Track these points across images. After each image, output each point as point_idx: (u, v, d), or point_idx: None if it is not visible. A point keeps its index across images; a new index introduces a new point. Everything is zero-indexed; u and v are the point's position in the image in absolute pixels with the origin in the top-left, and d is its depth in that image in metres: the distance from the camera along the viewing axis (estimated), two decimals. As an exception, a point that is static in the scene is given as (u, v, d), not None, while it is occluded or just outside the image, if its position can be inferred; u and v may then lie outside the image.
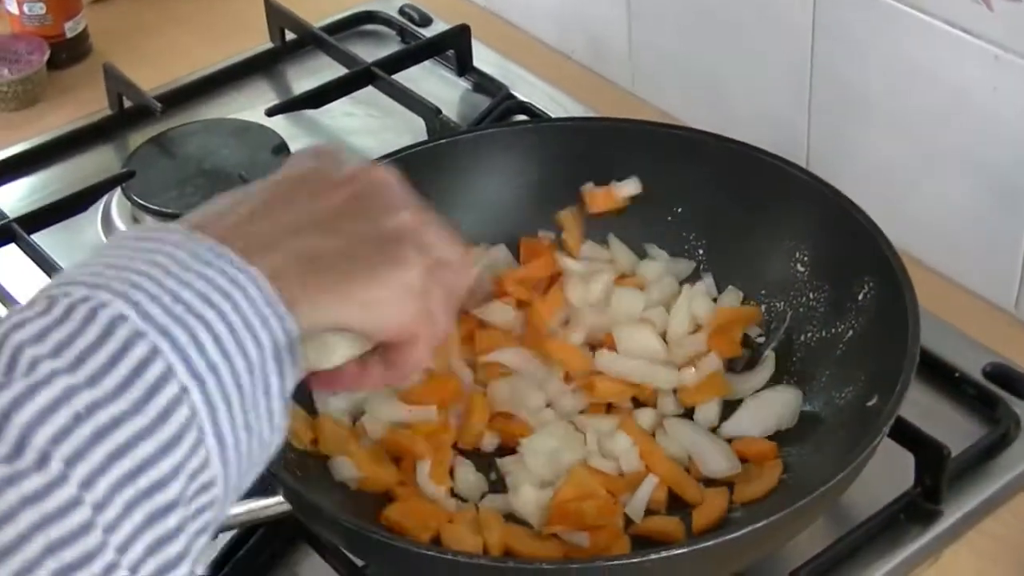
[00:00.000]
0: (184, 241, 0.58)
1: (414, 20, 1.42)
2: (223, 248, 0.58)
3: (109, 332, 0.53)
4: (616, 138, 1.06)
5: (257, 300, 0.57)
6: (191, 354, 0.55)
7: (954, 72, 1.03)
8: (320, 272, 0.61)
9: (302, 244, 0.61)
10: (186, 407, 0.54)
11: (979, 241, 1.08)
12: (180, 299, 0.55)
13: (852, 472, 0.81)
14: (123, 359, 0.53)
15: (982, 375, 1.02)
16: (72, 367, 0.52)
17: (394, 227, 0.65)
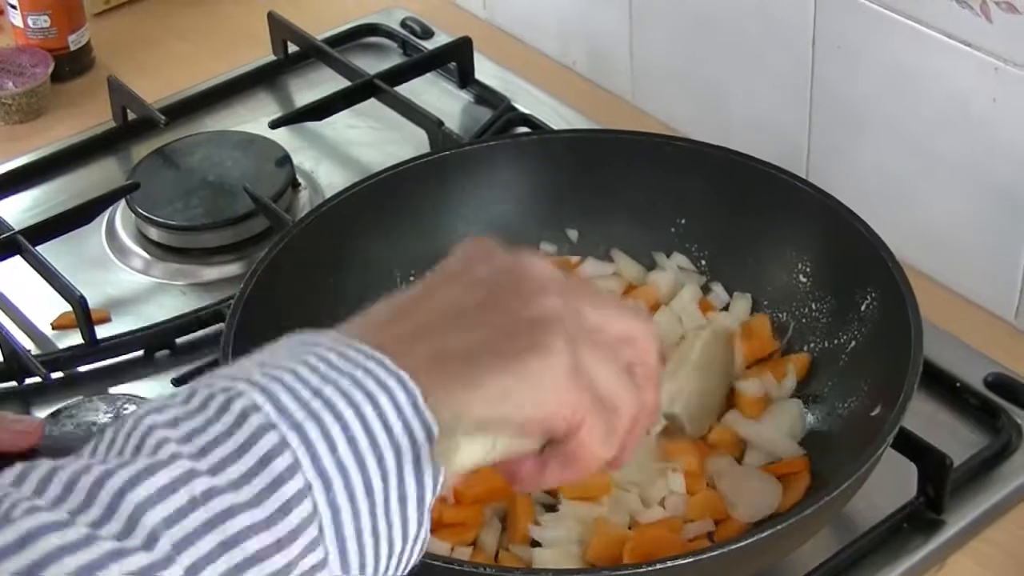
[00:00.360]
0: (335, 344, 0.57)
1: (416, 33, 1.43)
2: (376, 351, 0.56)
3: (241, 422, 0.53)
4: (619, 150, 1.06)
5: (404, 405, 0.55)
6: (320, 451, 0.53)
7: (954, 83, 1.03)
8: (456, 368, 0.58)
9: (439, 342, 0.59)
10: (308, 504, 0.52)
11: (979, 252, 1.08)
12: (320, 394, 0.54)
13: (856, 482, 0.81)
14: (250, 450, 0.52)
15: (983, 385, 1.03)
16: (198, 454, 0.52)
17: (535, 315, 0.60)
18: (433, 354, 0.58)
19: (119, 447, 0.53)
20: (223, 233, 1.19)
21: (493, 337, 0.59)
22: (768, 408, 0.97)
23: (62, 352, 1.08)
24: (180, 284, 1.17)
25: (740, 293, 1.04)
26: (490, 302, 0.61)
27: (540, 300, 0.61)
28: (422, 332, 0.59)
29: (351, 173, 1.26)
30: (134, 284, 1.17)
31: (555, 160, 1.07)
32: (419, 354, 0.58)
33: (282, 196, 1.21)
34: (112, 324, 1.12)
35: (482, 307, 0.61)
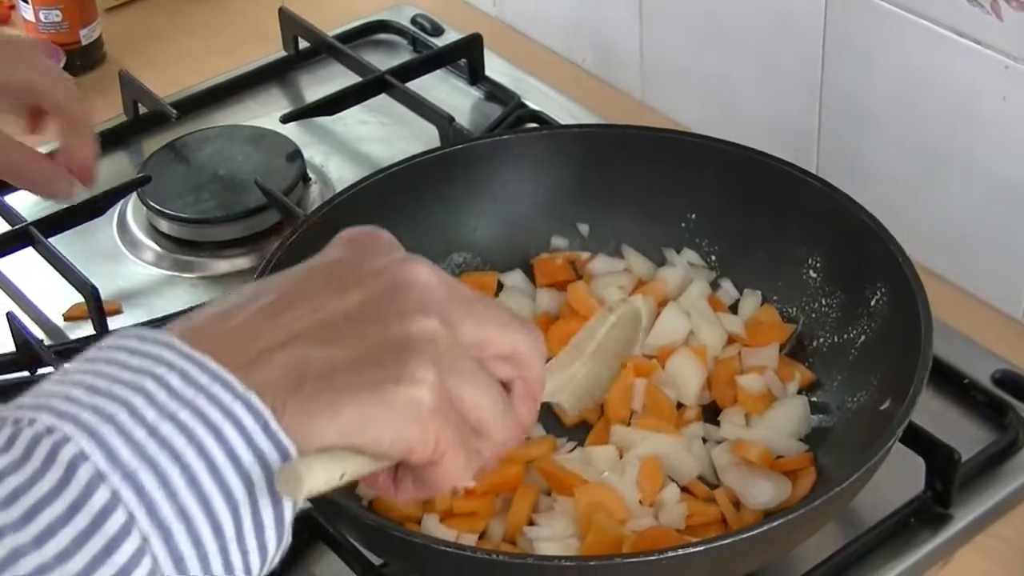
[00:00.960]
0: (178, 361, 0.52)
1: (426, 30, 1.43)
2: (223, 371, 0.52)
3: (69, 476, 0.48)
4: (630, 145, 1.07)
5: (252, 431, 0.52)
6: (157, 501, 0.49)
7: (964, 81, 1.04)
8: (311, 387, 0.54)
9: (299, 354, 0.55)
10: (147, 561, 0.49)
11: (988, 249, 1.09)
12: (156, 434, 0.50)
13: (865, 474, 0.82)
14: (80, 510, 0.48)
15: (991, 382, 1.03)
16: (22, 520, 0.48)
17: (407, 335, 0.56)
18: (292, 369, 0.54)
19: None
20: (234, 226, 1.19)
21: (358, 359, 0.55)
22: (772, 405, 0.98)
23: (74, 343, 1.09)
24: (191, 277, 1.17)
25: (750, 290, 1.05)
26: (363, 315, 0.57)
27: (415, 320, 0.57)
28: (286, 343, 0.55)
29: (361, 168, 1.27)
30: (145, 277, 1.18)
31: (566, 155, 1.08)
32: (276, 367, 0.54)
33: (293, 190, 1.21)
34: (123, 316, 1.13)
35: (353, 320, 0.57)
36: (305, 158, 1.25)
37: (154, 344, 0.53)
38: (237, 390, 0.52)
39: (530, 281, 1.07)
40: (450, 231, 1.06)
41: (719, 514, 0.90)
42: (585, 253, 1.08)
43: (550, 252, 1.08)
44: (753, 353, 1.00)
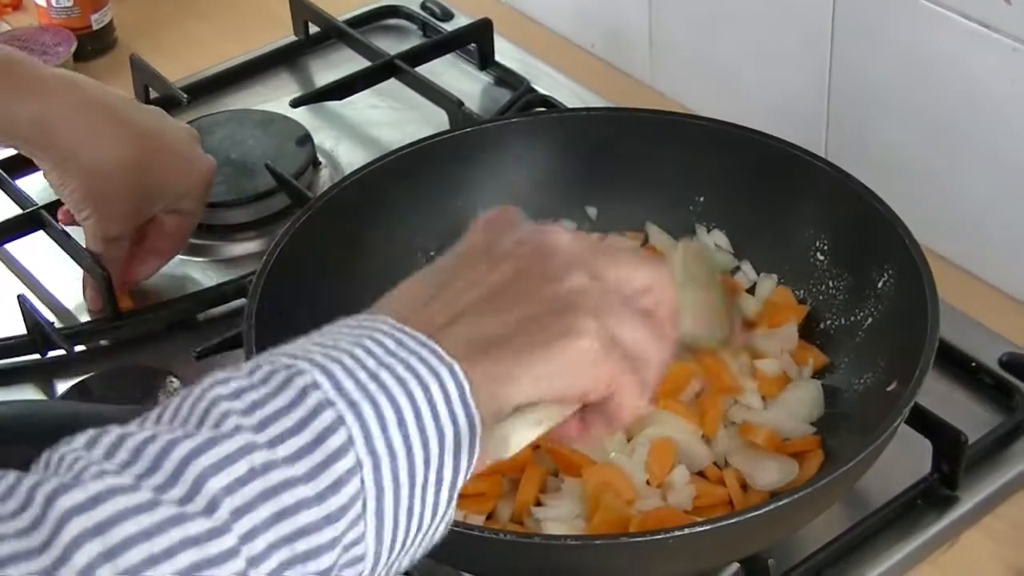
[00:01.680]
0: (392, 330, 0.59)
1: (436, 15, 1.44)
2: (429, 340, 0.59)
3: (301, 398, 0.55)
4: (638, 128, 1.07)
5: (452, 395, 0.58)
6: (373, 431, 0.56)
7: (972, 65, 1.04)
8: (491, 354, 0.60)
9: (472, 327, 0.61)
10: (357, 481, 0.55)
11: (996, 233, 1.09)
12: (377, 378, 0.57)
13: (871, 454, 0.82)
14: (308, 426, 0.55)
15: (998, 365, 1.03)
16: (259, 427, 0.54)
17: (564, 294, 0.63)
18: (470, 340, 0.60)
19: (184, 416, 0.55)
20: (245, 210, 1.20)
21: (525, 322, 0.62)
22: (786, 388, 0.98)
23: (85, 325, 1.10)
24: (202, 260, 1.18)
25: (766, 274, 1.05)
26: (519, 282, 0.64)
27: (567, 278, 0.64)
28: (458, 316, 0.62)
29: (371, 152, 1.27)
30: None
31: (574, 138, 1.08)
32: (459, 340, 0.60)
33: (303, 174, 1.22)
34: (135, 299, 1.13)
35: (511, 289, 0.63)
36: (315, 142, 1.26)
37: (368, 320, 0.60)
38: (443, 356, 0.58)
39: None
40: (457, 214, 1.06)
41: (726, 496, 0.91)
42: (594, 235, 1.09)
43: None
44: (771, 334, 1.00)
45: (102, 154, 1.03)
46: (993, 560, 0.92)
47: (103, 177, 1.04)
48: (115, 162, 1.04)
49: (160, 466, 0.52)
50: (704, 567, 0.85)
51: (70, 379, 1.04)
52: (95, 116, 1.04)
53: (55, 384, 1.06)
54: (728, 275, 1.05)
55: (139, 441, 0.53)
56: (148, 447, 0.53)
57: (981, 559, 0.93)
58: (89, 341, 1.09)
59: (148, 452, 0.53)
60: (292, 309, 0.94)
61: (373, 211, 1.04)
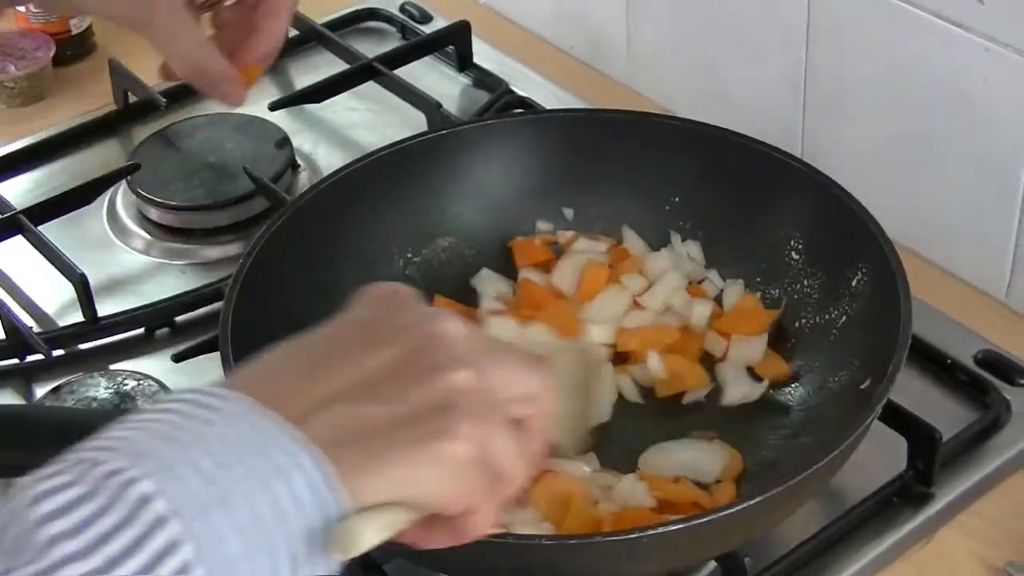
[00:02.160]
0: (247, 412, 0.55)
1: (415, 17, 1.44)
2: (287, 424, 0.55)
3: (135, 514, 0.50)
4: (615, 129, 1.07)
5: (316, 482, 0.54)
6: (216, 545, 0.51)
7: (946, 64, 1.04)
8: (359, 446, 0.57)
9: (345, 412, 0.58)
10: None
11: (971, 230, 1.10)
12: (215, 482, 0.52)
13: (844, 452, 0.82)
14: (144, 546, 0.50)
15: (973, 362, 1.04)
16: (88, 551, 0.49)
17: (444, 391, 0.59)
18: (341, 427, 0.57)
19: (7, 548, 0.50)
20: (223, 213, 1.20)
21: (401, 415, 0.58)
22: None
23: (63, 329, 1.09)
24: (180, 264, 1.18)
25: (732, 280, 1.05)
26: (400, 370, 0.60)
27: (450, 374, 0.60)
28: (329, 399, 0.58)
29: (350, 155, 1.26)
30: (135, 264, 1.18)
31: (551, 139, 1.08)
32: (327, 425, 0.56)
33: (281, 177, 1.22)
34: (113, 303, 1.13)
35: (391, 376, 0.59)
36: (294, 145, 1.26)
37: (219, 398, 0.55)
38: (303, 441, 0.54)
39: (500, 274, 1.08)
40: (435, 216, 1.07)
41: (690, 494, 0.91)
42: (570, 232, 1.09)
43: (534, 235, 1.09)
44: (741, 342, 1.01)
45: None
46: (968, 557, 0.93)
47: None
48: None
49: None
50: (679, 566, 0.86)
51: (49, 383, 1.04)
52: None
53: (34, 388, 1.06)
54: (695, 285, 1.06)
55: None
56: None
57: (956, 556, 0.93)
58: (68, 345, 1.09)
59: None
60: (268, 312, 0.94)
61: (350, 214, 1.04)
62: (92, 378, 1.03)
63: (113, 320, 1.10)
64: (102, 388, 1.02)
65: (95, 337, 1.10)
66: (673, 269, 1.06)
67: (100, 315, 1.10)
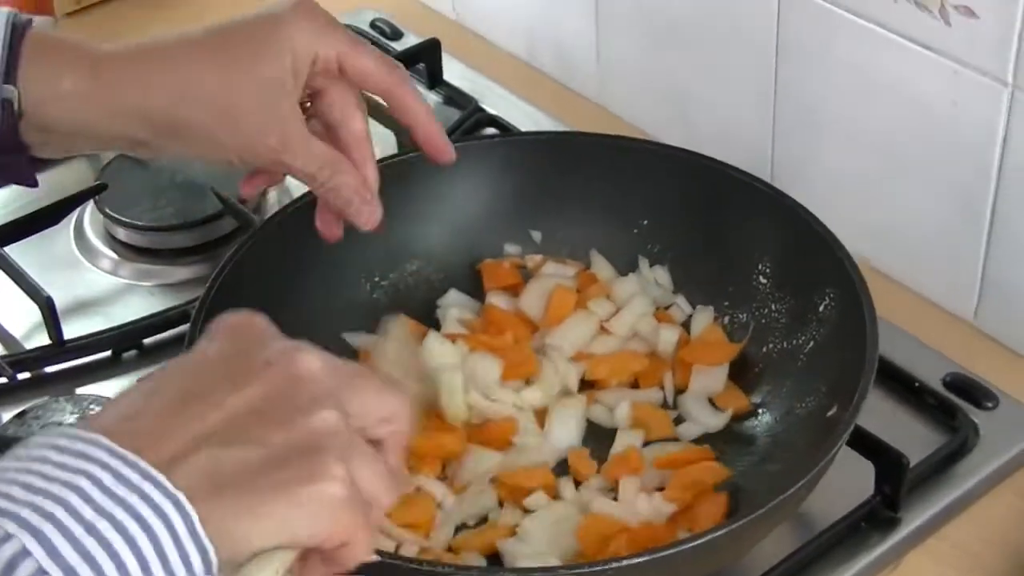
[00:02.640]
0: (110, 460, 0.54)
1: (385, 34, 1.43)
2: (150, 469, 0.55)
3: (10, 570, 0.50)
4: (582, 151, 1.07)
5: (180, 533, 0.54)
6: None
7: (915, 86, 1.04)
8: (231, 492, 0.57)
9: (211, 459, 0.57)
10: None
11: (940, 252, 1.10)
12: (94, 531, 0.52)
13: (810, 482, 0.82)
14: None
15: (942, 384, 1.04)
16: None
17: (312, 430, 0.60)
18: (208, 474, 0.56)
19: None
20: (191, 234, 1.19)
21: (269, 459, 0.58)
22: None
23: (29, 352, 1.09)
24: (148, 285, 1.17)
25: (702, 306, 1.05)
26: (264, 411, 0.60)
27: (316, 414, 0.60)
28: (195, 444, 0.57)
29: (319, 173, 1.27)
30: (102, 284, 1.18)
31: (518, 162, 1.08)
32: (191, 471, 0.56)
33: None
34: (80, 324, 1.12)
35: (256, 417, 0.59)
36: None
37: (82, 443, 0.55)
38: (167, 489, 0.54)
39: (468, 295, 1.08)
40: (403, 238, 1.07)
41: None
42: (538, 256, 1.09)
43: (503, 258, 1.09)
44: (702, 373, 1.01)
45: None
46: (935, 582, 0.93)
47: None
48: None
49: None
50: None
51: (14, 407, 1.03)
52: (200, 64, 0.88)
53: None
54: (662, 311, 1.06)
55: None
56: None
57: (923, 581, 0.93)
58: (33, 368, 1.08)
59: None
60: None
61: (316, 237, 1.03)
62: (58, 402, 1.02)
63: (80, 343, 1.09)
64: (67, 413, 1.01)
65: (61, 360, 1.09)
66: (640, 294, 1.06)
67: (67, 337, 1.09)
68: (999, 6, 0.96)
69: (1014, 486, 0.99)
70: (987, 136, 1.01)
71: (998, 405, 1.02)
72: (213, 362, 0.62)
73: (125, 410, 0.59)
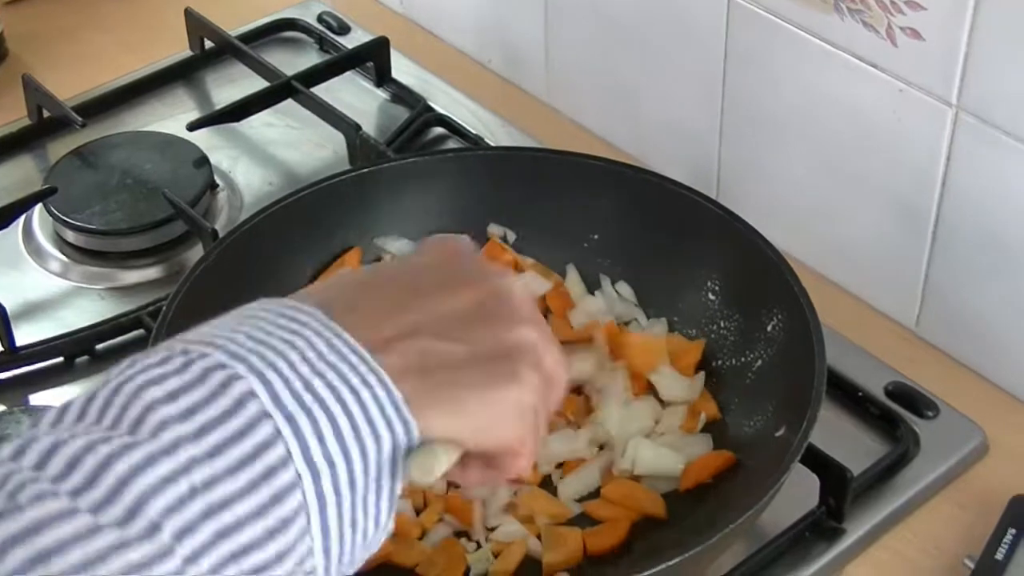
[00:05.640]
0: (323, 330, 0.58)
1: (333, 28, 1.43)
2: (358, 346, 0.58)
3: (238, 407, 0.54)
4: (536, 167, 1.08)
5: (385, 402, 0.58)
6: (311, 444, 0.55)
7: (861, 102, 1.06)
8: (436, 380, 0.60)
9: (422, 347, 0.61)
10: (299, 494, 0.54)
11: (883, 262, 1.12)
12: (311, 387, 0.56)
13: (756, 512, 0.84)
14: (246, 437, 0.54)
15: (884, 393, 1.05)
16: (197, 435, 0.53)
17: (515, 341, 0.64)
18: (418, 358, 0.60)
19: (114, 416, 0.54)
20: (142, 237, 1.19)
21: (475, 357, 0.62)
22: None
23: (-20, 360, 1.09)
24: (99, 288, 1.17)
25: (655, 319, 1.06)
26: (476, 316, 0.64)
27: (521, 328, 0.64)
28: (409, 333, 0.61)
29: (269, 172, 1.27)
30: (51, 287, 1.17)
31: (475, 176, 1.09)
32: (403, 354, 0.60)
33: (201, 199, 1.21)
34: (29, 328, 1.12)
35: (468, 320, 0.63)
36: (212, 163, 1.25)
37: (298, 311, 0.59)
38: (372, 364, 0.58)
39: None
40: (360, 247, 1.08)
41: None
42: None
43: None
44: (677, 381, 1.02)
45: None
46: (876, 592, 0.96)
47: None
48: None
49: (98, 481, 0.51)
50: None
51: (-34, 415, 1.04)
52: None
53: (-48, 422, 1.05)
54: (623, 326, 1.07)
55: (74, 451, 0.52)
56: (85, 459, 0.52)
57: (864, 591, 0.96)
58: (-16, 376, 1.08)
59: (85, 465, 0.51)
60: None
61: (275, 251, 1.04)
62: (11, 414, 1.02)
63: (32, 350, 1.09)
64: (25, 426, 1.01)
65: (14, 367, 1.09)
66: (608, 313, 1.07)
67: (18, 343, 1.09)
68: (945, 30, 0.98)
69: (953, 495, 1.01)
70: (931, 153, 1.03)
71: (939, 414, 1.04)
72: (429, 268, 0.67)
73: (344, 296, 0.62)
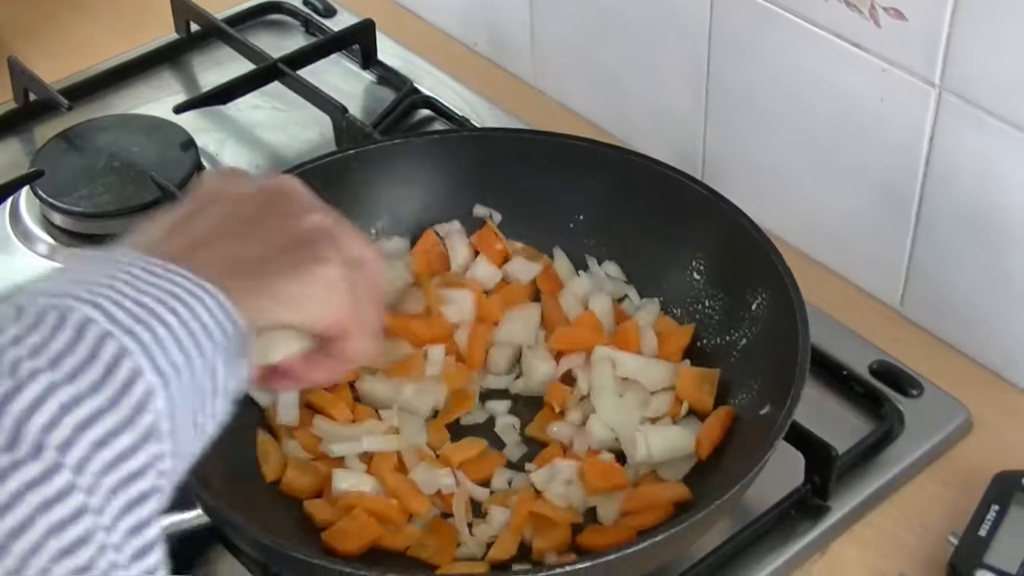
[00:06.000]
0: (137, 260, 0.62)
1: (318, 11, 1.43)
2: (172, 265, 0.62)
3: (80, 335, 0.57)
4: (521, 148, 1.09)
5: (212, 307, 0.62)
6: (156, 354, 0.58)
7: (844, 83, 1.06)
8: (245, 276, 0.65)
9: (223, 251, 0.66)
10: (156, 401, 0.57)
11: (868, 242, 1.12)
12: (142, 304, 0.59)
13: (741, 489, 0.85)
14: (96, 358, 0.56)
15: (868, 372, 1.06)
16: (51, 365, 0.55)
17: (307, 228, 0.69)
18: (223, 260, 0.65)
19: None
20: (129, 220, 1.18)
21: (271, 249, 0.67)
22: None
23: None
24: (87, 271, 1.17)
25: (648, 299, 1.07)
26: (261, 217, 0.69)
27: (306, 216, 0.70)
28: (202, 243, 0.66)
29: (255, 155, 1.28)
30: (39, 270, 1.17)
31: (461, 158, 1.09)
32: (209, 259, 0.64)
33: (188, 182, 1.21)
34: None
35: (254, 221, 0.69)
36: (199, 146, 1.25)
37: (111, 253, 0.63)
38: (191, 277, 0.62)
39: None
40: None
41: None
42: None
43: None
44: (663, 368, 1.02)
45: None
46: (859, 567, 0.96)
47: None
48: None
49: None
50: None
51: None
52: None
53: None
54: (616, 303, 1.07)
55: None
56: None
57: (850, 567, 0.96)
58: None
59: None
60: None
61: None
62: None
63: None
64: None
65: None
66: (598, 292, 1.07)
67: None
68: (927, 10, 0.98)
69: (937, 473, 1.02)
70: (914, 133, 1.03)
71: (923, 393, 1.05)
72: (209, 191, 0.71)
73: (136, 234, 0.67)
